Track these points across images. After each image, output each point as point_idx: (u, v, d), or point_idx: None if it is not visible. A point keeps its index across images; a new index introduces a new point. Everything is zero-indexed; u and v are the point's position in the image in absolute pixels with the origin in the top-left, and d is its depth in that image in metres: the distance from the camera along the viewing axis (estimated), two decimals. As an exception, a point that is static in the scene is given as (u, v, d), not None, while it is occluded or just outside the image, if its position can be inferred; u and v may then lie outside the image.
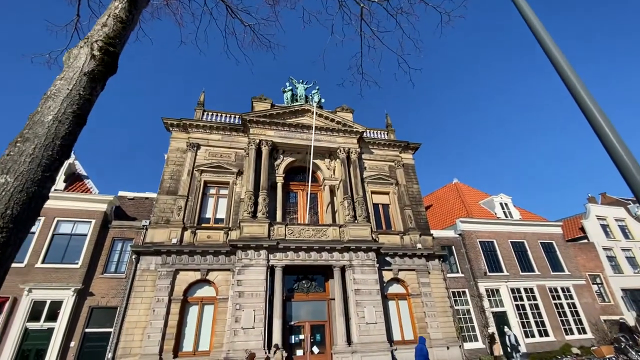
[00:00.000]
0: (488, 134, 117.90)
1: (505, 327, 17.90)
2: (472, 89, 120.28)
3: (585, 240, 25.20)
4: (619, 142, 2.23)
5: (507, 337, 16.28)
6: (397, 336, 16.19)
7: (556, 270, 21.92)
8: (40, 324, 12.96)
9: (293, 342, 15.02)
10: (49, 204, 14.84)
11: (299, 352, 14.82)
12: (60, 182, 15.95)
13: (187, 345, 13.99)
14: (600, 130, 2.34)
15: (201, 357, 13.62)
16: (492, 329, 17.69)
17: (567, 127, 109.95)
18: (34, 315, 13.04)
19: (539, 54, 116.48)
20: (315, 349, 15.04)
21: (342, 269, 16.35)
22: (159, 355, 13.00)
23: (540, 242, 22.75)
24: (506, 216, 23.41)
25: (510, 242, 21.95)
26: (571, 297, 21.22)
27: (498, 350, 16.47)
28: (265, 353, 13.23)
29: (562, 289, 21.33)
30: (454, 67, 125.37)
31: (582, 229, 26.29)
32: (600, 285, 22.67)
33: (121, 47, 3.39)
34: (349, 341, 14.72)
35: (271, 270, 15.40)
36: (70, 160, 16.88)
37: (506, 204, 24.10)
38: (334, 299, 15.87)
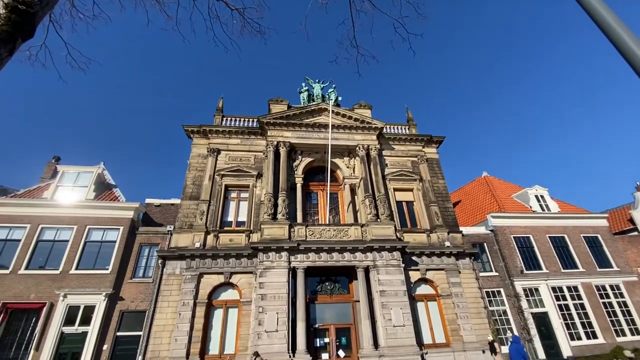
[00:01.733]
0: (519, 123, 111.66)
1: (508, 331, 16.02)
2: (500, 73, 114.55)
3: (636, 233, 22.92)
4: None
5: (508, 344, 14.34)
6: (427, 339, 15.41)
7: (603, 267, 20.05)
8: (75, 328, 13.55)
9: (318, 345, 14.71)
10: (81, 212, 15.61)
11: (325, 356, 14.48)
12: (90, 192, 16.68)
13: (213, 348, 14.08)
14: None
15: (227, 360, 13.63)
16: (491, 337, 15.15)
17: (609, 108, 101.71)
18: (69, 320, 13.66)
19: (585, 30, 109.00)
20: (341, 353, 14.62)
21: (366, 270, 15.84)
22: (186, 357, 13.17)
23: (584, 236, 20.92)
24: (543, 209, 21.78)
25: (549, 237, 20.36)
26: (622, 295, 19.29)
27: None
28: (290, 357, 13.02)
29: (611, 286, 19.46)
30: (481, 49, 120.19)
31: (631, 221, 23.96)
32: (656, 282, 20.44)
33: (44, 7, 2.96)
34: (375, 345, 14.19)
35: (293, 272, 15.20)
36: (99, 171, 17.62)
37: (542, 197, 22.43)
38: (358, 301, 15.40)
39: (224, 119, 20.21)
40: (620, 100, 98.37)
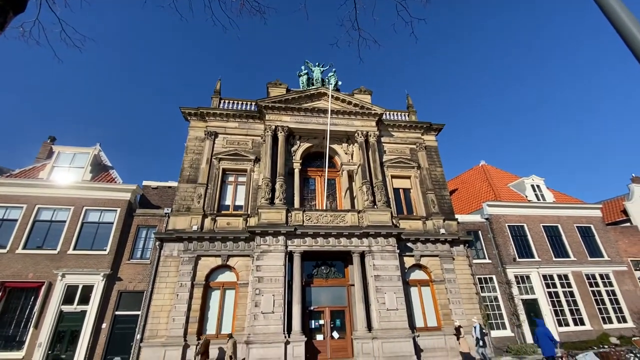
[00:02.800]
0: (520, 112, 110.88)
1: (474, 317, 15.51)
2: (503, 61, 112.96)
3: (628, 224, 23.28)
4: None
5: (472, 329, 14.29)
6: (419, 323, 15.81)
7: (594, 256, 20.44)
8: (74, 307, 13.75)
9: (313, 326, 15.07)
10: (77, 193, 15.57)
11: (319, 337, 14.86)
12: (87, 173, 16.58)
13: (210, 328, 14.38)
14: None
15: (224, 340, 13.92)
16: (457, 322, 14.83)
17: (607, 101, 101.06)
18: (68, 299, 13.85)
19: (588, 18, 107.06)
20: (336, 334, 15.01)
21: (362, 255, 16.06)
22: (183, 337, 13.46)
23: (577, 226, 21.23)
24: (538, 199, 21.98)
25: (543, 226, 20.63)
26: (610, 284, 19.77)
27: (465, 346, 13.90)
28: (285, 337, 13.35)
29: (601, 275, 19.90)
30: (484, 38, 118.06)
31: (625, 212, 24.28)
32: (644, 272, 20.92)
33: None
34: (369, 327, 14.55)
35: (290, 256, 15.39)
36: (95, 152, 17.47)
37: (538, 186, 22.59)
38: (353, 285, 15.68)
39: (222, 101, 19.93)
40: (620, 95, 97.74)
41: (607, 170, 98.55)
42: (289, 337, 13.50)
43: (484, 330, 14.21)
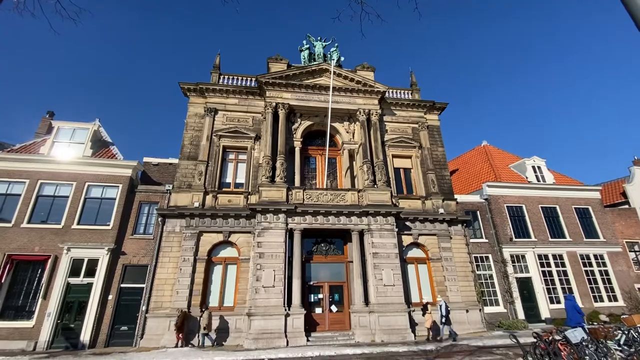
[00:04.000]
0: (524, 90, 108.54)
1: (439, 296, 15.66)
2: (507, 36, 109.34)
3: (626, 206, 23.43)
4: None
5: (439, 307, 14.57)
6: (415, 298, 16.32)
7: (590, 237, 20.75)
8: (81, 279, 14.17)
9: (312, 300, 15.57)
10: (79, 169, 15.64)
11: (318, 310, 15.40)
12: (87, 149, 16.55)
13: (213, 300, 14.88)
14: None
15: (226, 312, 14.48)
16: (425, 299, 15.74)
17: (612, 83, 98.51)
18: (74, 271, 14.23)
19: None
20: (334, 308, 15.54)
21: (361, 233, 16.33)
22: (187, 309, 13.95)
23: (575, 208, 21.39)
24: (538, 180, 22.01)
25: (541, 207, 20.79)
26: (604, 265, 20.20)
27: (429, 321, 14.39)
28: (285, 310, 13.84)
29: (595, 255, 20.28)
30: (488, 14, 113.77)
31: (624, 194, 24.36)
32: (638, 253, 21.32)
33: None
34: (366, 301, 15.04)
35: (290, 233, 15.65)
36: (95, 127, 17.35)
37: (539, 167, 22.55)
38: (352, 262, 16.05)
39: (222, 77, 19.54)
40: (626, 77, 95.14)
41: (611, 152, 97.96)
42: (289, 310, 14.00)
43: (449, 309, 14.68)
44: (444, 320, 14.20)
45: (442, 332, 14.39)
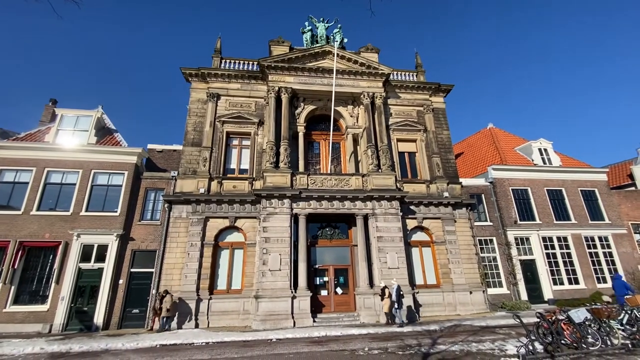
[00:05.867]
0: (531, 71, 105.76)
1: (393, 279, 14.63)
2: (513, 16, 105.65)
3: (633, 188, 23.23)
4: None
5: (392, 290, 13.82)
6: (419, 281, 16.56)
7: (595, 219, 20.69)
8: (91, 265, 14.50)
9: (318, 283, 15.86)
10: (84, 156, 15.73)
11: (324, 293, 15.70)
12: (92, 136, 16.58)
13: (221, 284, 15.21)
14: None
15: (234, 295, 14.84)
16: (385, 282, 14.41)
17: (623, 63, 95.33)
18: (85, 257, 14.55)
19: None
20: (339, 290, 15.83)
21: (365, 217, 16.42)
22: (196, 292, 14.30)
23: (581, 190, 21.24)
24: (544, 163, 21.79)
25: (547, 189, 20.66)
26: (608, 247, 20.22)
27: (387, 306, 13.55)
28: (292, 292, 14.13)
29: (600, 237, 20.28)
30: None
31: (631, 176, 24.11)
32: (643, 235, 21.27)
33: None
34: (371, 284, 15.29)
35: (295, 218, 15.78)
36: (98, 115, 17.31)
37: (545, 150, 22.28)
38: (356, 246, 16.23)
39: (223, 61, 19.26)
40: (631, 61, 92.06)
41: (619, 134, 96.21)
42: (295, 292, 14.29)
43: (401, 292, 13.86)
44: (396, 305, 13.44)
45: (398, 317, 13.41)
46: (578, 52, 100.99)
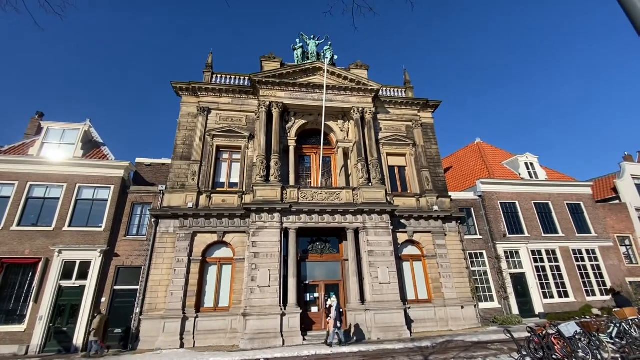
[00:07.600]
0: (517, 88, 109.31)
1: (333, 295, 14.33)
2: (502, 30, 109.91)
3: (617, 201, 23.78)
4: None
5: (331, 309, 13.13)
6: (411, 296, 16.38)
7: (582, 232, 21.02)
8: (73, 282, 13.96)
9: (308, 299, 15.55)
10: (70, 170, 15.40)
11: (314, 309, 15.38)
12: (78, 150, 16.30)
13: (208, 301, 14.76)
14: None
15: (221, 312, 14.39)
16: (329, 302, 13.65)
17: (607, 79, 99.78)
18: (66, 274, 14.01)
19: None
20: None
21: (356, 231, 16.33)
22: (182, 310, 13.83)
23: (567, 203, 21.66)
24: (531, 177, 22.23)
25: (534, 203, 21.01)
26: (596, 259, 20.48)
27: (331, 324, 12.90)
28: (281, 309, 13.78)
29: (587, 250, 20.56)
30: (482, 11, 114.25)
31: (615, 189, 24.72)
32: (629, 247, 21.68)
33: None
34: (362, 299, 15.06)
35: (285, 232, 15.60)
36: (85, 128, 17.09)
37: (532, 164, 22.78)
38: (347, 260, 16.06)
39: (214, 76, 19.37)
40: (621, 75, 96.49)
41: (602, 148, 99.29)
42: (284, 309, 13.95)
43: (340, 310, 13.21)
44: (338, 324, 12.69)
45: (332, 336, 12.64)
46: (562, 67, 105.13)
